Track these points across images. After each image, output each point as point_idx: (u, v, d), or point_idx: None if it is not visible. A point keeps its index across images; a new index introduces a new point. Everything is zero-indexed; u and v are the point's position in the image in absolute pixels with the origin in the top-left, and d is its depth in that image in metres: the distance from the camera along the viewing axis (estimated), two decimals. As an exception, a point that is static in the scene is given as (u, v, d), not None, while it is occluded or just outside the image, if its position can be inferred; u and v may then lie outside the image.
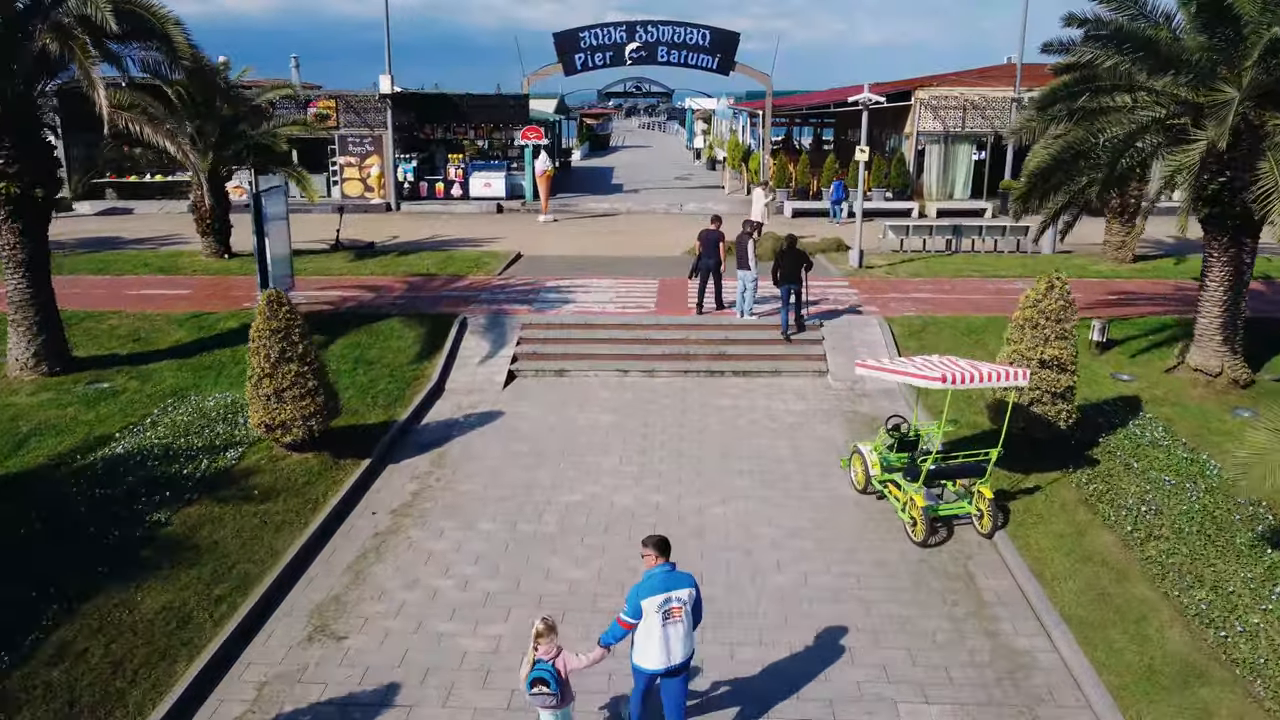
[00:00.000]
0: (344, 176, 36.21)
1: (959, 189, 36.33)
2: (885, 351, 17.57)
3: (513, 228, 31.56)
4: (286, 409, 12.70)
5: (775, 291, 18.11)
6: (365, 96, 35.43)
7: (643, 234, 30.21)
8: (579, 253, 26.56)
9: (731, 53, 35.44)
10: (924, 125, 35.53)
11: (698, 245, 19.57)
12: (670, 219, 33.82)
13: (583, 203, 36.62)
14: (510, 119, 35.86)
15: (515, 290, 21.26)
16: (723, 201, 37.11)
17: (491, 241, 28.35)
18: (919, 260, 25.00)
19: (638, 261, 25.07)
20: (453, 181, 36.14)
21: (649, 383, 17.04)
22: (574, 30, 35.17)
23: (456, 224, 32.30)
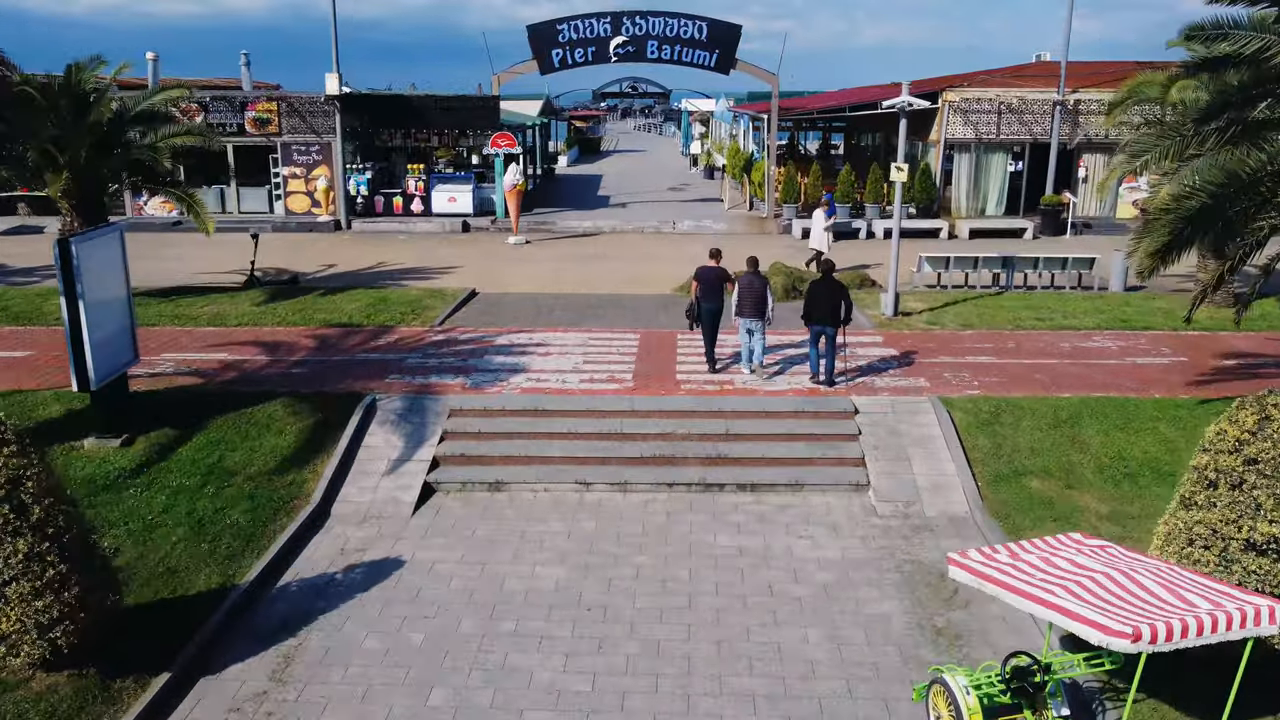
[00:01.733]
0: (288, 190, 31.17)
1: (992, 204, 31.30)
2: (948, 456, 12.53)
3: (476, 252, 26.52)
4: (10, 614, 7.69)
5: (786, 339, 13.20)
6: (310, 98, 30.37)
7: (627, 261, 25.16)
8: (548, 288, 21.52)
9: (732, 48, 30.38)
10: (953, 131, 30.51)
11: (695, 286, 15.08)
12: (661, 241, 28.76)
13: (563, 219, 31.58)
14: (479, 123, 30.82)
15: (453, 351, 16.22)
16: (722, 219, 32.05)
17: (445, 273, 23.30)
18: (964, 302, 19.93)
19: (617, 302, 20.05)
20: (413, 196, 31.07)
21: (619, 503, 12.01)
22: (550, 22, 30.12)
23: (411, 248, 27.25)
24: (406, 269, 23.88)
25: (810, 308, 14.26)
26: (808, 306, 14.31)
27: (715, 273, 14.96)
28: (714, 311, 14.96)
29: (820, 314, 14.12)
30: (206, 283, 21.69)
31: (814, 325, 14.28)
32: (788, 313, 16.81)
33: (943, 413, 13.41)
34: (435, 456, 12.58)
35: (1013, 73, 33.91)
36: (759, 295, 14.44)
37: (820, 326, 14.21)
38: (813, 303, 14.22)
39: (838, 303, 13.96)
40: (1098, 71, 32.29)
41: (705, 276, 14.92)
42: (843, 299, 14.00)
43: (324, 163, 30.76)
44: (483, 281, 22.17)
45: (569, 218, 31.78)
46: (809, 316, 14.31)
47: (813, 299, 14.24)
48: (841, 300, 13.97)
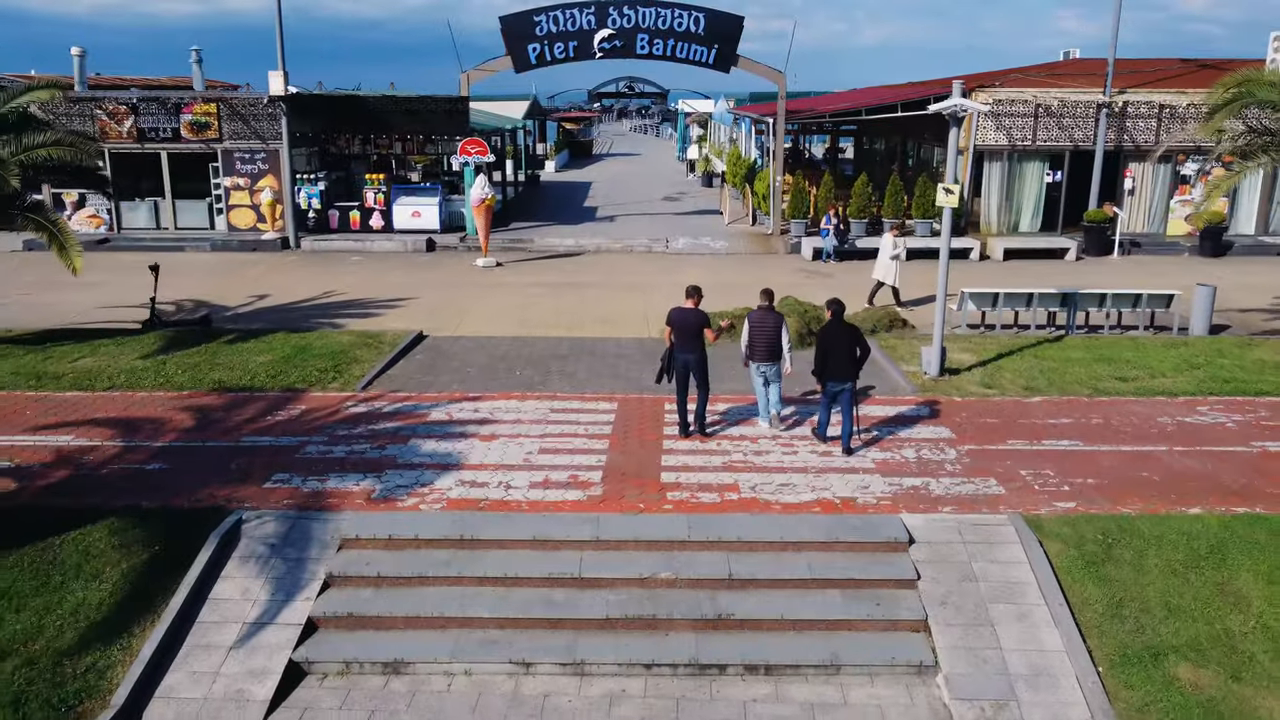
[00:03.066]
0: (230, 203, 27.20)
1: (1027, 219, 27.36)
2: (1048, 617, 8.58)
3: (437, 277, 22.57)
4: None
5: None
6: (253, 100, 26.40)
7: (611, 289, 21.21)
8: (511, 328, 17.59)
9: (733, 43, 26.42)
10: (983, 137, 26.56)
11: (668, 332, 12.19)
12: (652, 263, 24.80)
13: (542, 236, 27.63)
14: (445, 127, 26.86)
15: (369, 432, 12.26)
16: (721, 235, 28.08)
17: (394, 307, 19.37)
18: (1021, 352, 15.97)
19: (593, 350, 16.11)
20: (371, 210, 27.11)
21: (571, 699, 8.06)
22: (526, 13, 26.13)
23: (363, 273, 23.29)
24: (349, 302, 19.92)
25: (825, 360, 11.45)
26: (821, 359, 11.50)
27: (692, 317, 11.97)
28: (688, 364, 11.93)
29: (838, 368, 11.36)
30: (102, 322, 17.75)
31: (830, 383, 11.49)
32: (802, 364, 12.92)
33: (1031, 542, 9.45)
34: (311, 617, 8.64)
35: (1047, 70, 29.94)
36: (773, 335, 12.01)
37: (838, 384, 11.43)
38: (828, 354, 11.41)
39: (854, 351, 11.36)
40: (1137, 70, 28.35)
41: (680, 321, 11.94)
42: (858, 345, 11.39)
43: (271, 172, 26.80)
44: (435, 319, 18.24)
45: (549, 234, 27.81)
46: (824, 371, 11.51)
47: (827, 349, 11.43)
48: (857, 348, 11.39)
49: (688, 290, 12.09)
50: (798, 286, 21.58)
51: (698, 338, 11.81)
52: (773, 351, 11.96)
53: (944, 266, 14.36)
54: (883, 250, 19.34)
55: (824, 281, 22.25)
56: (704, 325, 11.85)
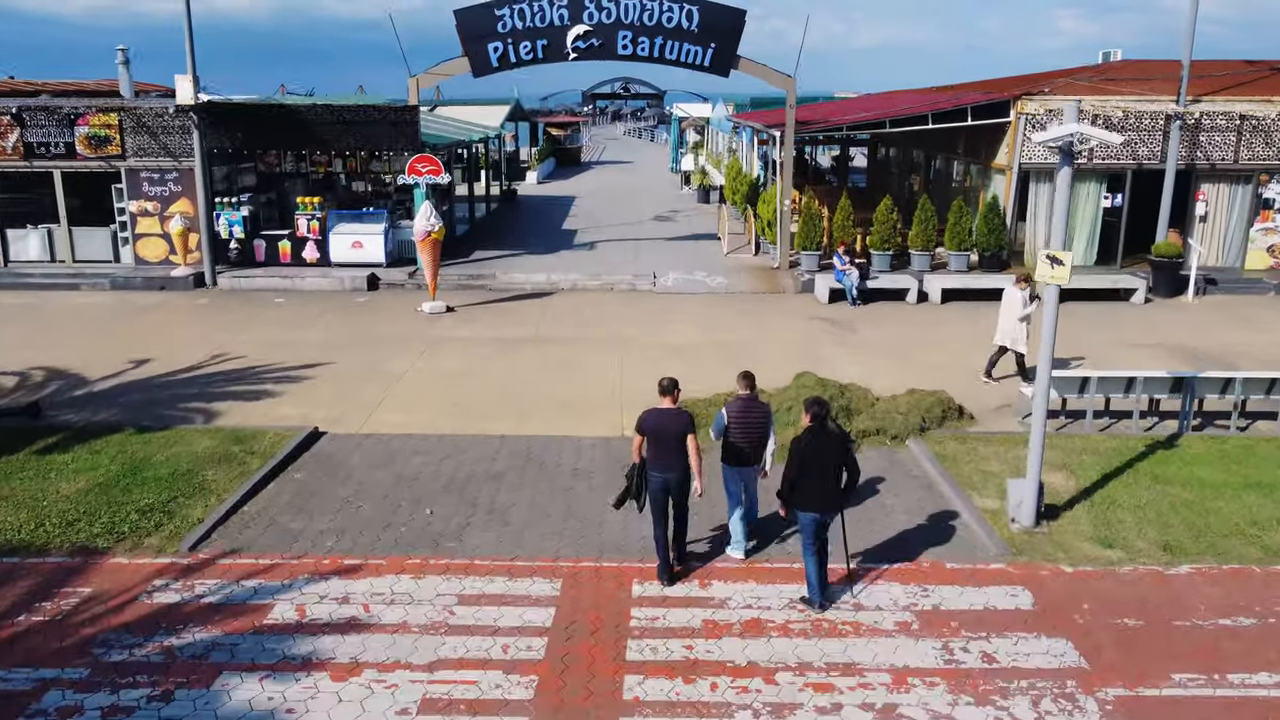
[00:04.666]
0: (137, 231, 22.63)
1: (1080, 250, 22.77)
2: None
3: (368, 330, 18.02)
4: None
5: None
6: (159, 109, 21.82)
7: (580, 351, 16.67)
8: (440, 419, 13.04)
9: (733, 42, 21.86)
10: (1030, 153, 22.01)
11: (638, 442, 8.87)
12: (634, 307, 20.22)
13: (508, 269, 23.09)
14: (392, 142, 22.27)
15: (161, 657, 7.70)
16: (719, 269, 23.52)
17: (297, 380, 14.84)
18: (1133, 470, 11.41)
19: (540, 459, 11.56)
20: (305, 239, 22.54)
21: None
22: (486, 6, 21.56)
23: (280, 323, 18.74)
24: (245, 371, 15.37)
25: (800, 482, 8.31)
26: (793, 480, 8.34)
27: (671, 423, 8.71)
28: (667, 485, 8.72)
29: (819, 495, 8.27)
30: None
31: (806, 513, 8.33)
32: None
33: None
34: None
35: (1098, 74, 25.36)
36: (758, 432, 9.20)
37: (815, 516, 8.29)
38: (804, 474, 8.27)
39: (840, 471, 8.35)
40: (1205, 74, 23.77)
41: (656, 428, 8.72)
42: (846, 462, 8.38)
43: (185, 195, 22.24)
44: (346, 399, 13.72)
45: (517, 266, 23.24)
46: (794, 497, 8.38)
47: (803, 467, 8.27)
48: (843, 465, 8.37)
49: (663, 385, 8.90)
50: (814, 343, 17.04)
51: (679, 451, 8.60)
52: (758, 449, 9.14)
53: (1046, 367, 9.77)
54: (1007, 307, 14.65)
55: (845, 337, 17.70)
56: (687, 433, 8.58)
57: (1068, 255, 8.95)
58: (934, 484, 10.86)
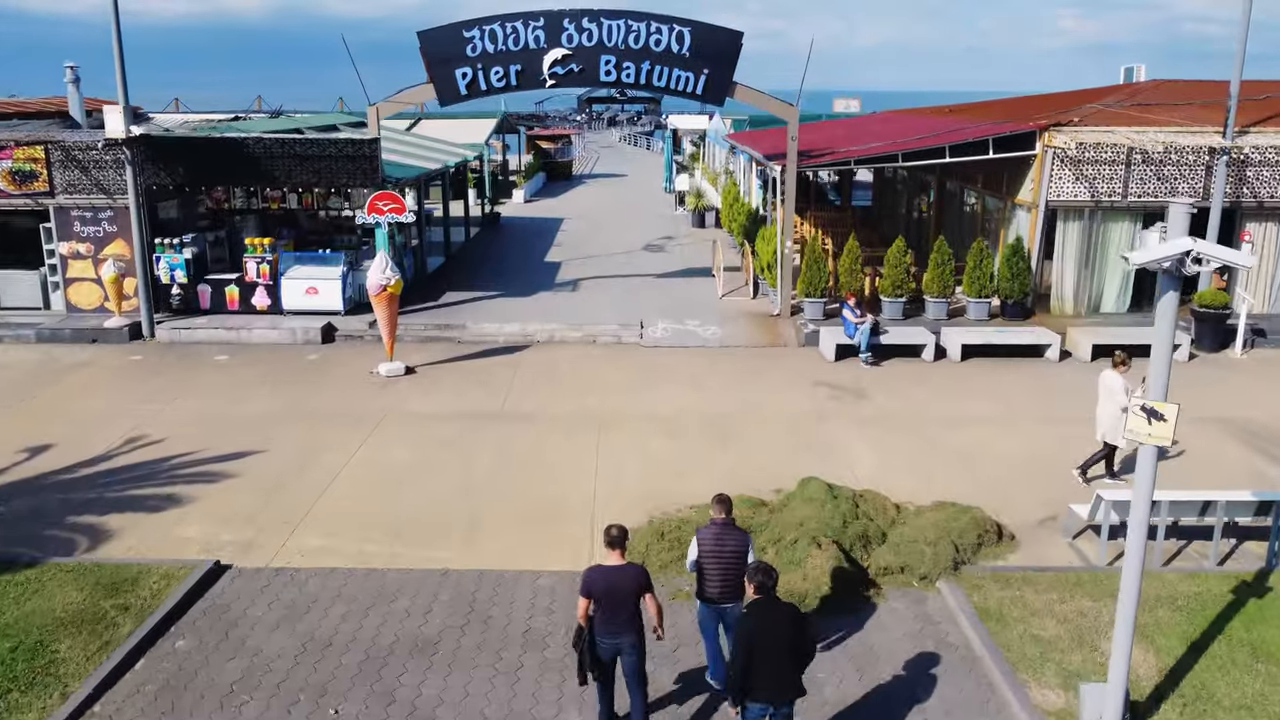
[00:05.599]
0: (69, 276, 20.34)
1: (1112, 296, 20.53)
2: None
3: (312, 401, 15.74)
4: None
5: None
6: (88, 143, 19.52)
7: (552, 433, 14.37)
8: (373, 540, 10.79)
9: (729, 67, 19.55)
10: (1059, 189, 19.73)
11: (584, 605, 7.36)
12: (619, 367, 17.92)
13: (480, 317, 20.81)
14: (350, 177, 19.95)
15: None
16: (714, 315, 21.23)
17: (215, 479, 12.57)
18: (1226, 639, 9.14)
19: (488, 619, 9.30)
20: (254, 285, 20.25)
21: None
22: (454, 28, 19.27)
23: (216, 389, 16.46)
24: (157, 465, 13.10)
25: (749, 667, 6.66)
26: (743, 665, 6.67)
27: (622, 581, 7.27)
28: (617, 652, 7.35)
29: (766, 679, 6.68)
30: None
31: (752, 704, 6.75)
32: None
33: None
34: None
35: (1128, 96, 23.07)
36: (734, 562, 7.72)
37: (765, 708, 6.76)
38: (753, 656, 6.65)
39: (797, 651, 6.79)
40: (1256, 95, 21.44)
41: (606, 590, 7.24)
42: (805, 649, 6.85)
43: (120, 236, 19.95)
44: (267, 511, 11.47)
45: (491, 312, 20.94)
46: (748, 685, 6.71)
47: (751, 649, 6.66)
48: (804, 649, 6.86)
49: (610, 536, 7.36)
50: (820, 418, 14.76)
51: (634, 614, 7.27)
52: (736, 585, 7.72)
53: (1139, 538, 7.47)
54: (1105, 395, 12.29)
55: (856, 409, 15.42)
56: (644, 592, 7.29)
57: (1172, 409, 6.64)
58: (977, 661, 8.58)
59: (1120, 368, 12.22)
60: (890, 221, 29.80)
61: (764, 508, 11.30)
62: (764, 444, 13.88)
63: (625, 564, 7.30)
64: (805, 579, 9.61)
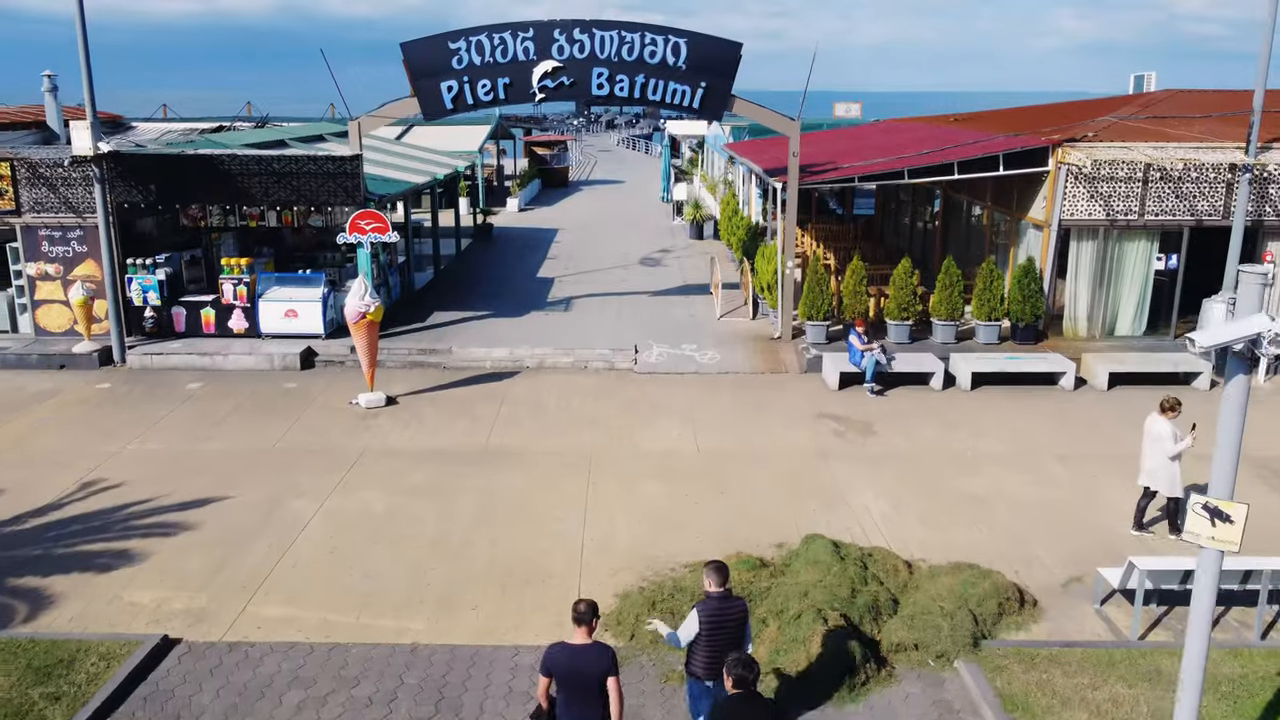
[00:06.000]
0: (37, 298, 19.43)
1: (1128, 318, 19.63)
2: None
3: (285, 438, 14.81)
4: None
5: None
6: (54, 160, 18.59)
7: (537, 476, 13.45)
8: (337, 607, 9.88)
9: (726, 79, 18.62)
10: (1073, 207, 18.82)
11: (544, 685, 6.72)
12: (610, 397, 16.99)
13: (468, 340, 19.91)
14: (330, 195, 19.02)
15: None
16: (710, 338, 20.32)
17: (172, 531, 11.66)
18: None
19: (459, 707, 8.37)
20: (231, 307, 19.33)
21: None
22: (439, 39, 18.34)
23: (186, 422, 15.53)
24: (112, 515, 12.17)
25: None
26: None
27: (587, 661, 6.64)
28: None
29: None
30: None
31: None
32: None
33: None
34: None
35: (1142, 107, 22.17)
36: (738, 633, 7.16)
37: None
38: None
39: None
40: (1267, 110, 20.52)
41: (568, 671, 6.63)
42: None
43: (91, 256, 19.03)
44: (225, 571, 10.56)
45: (479, 335, 20.02)
46: None
47: None
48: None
49: (578, 613, 6.77)
50: (824, 459, 13.84)
51: (598, 698, 6.63)
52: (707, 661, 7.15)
53: (1197, 658, 6.52)
54: (1152, 441, 11.37)
55: (862, 447, 14.49)
56: (609, 675, 6.62)
57: (1240, 510, 5.71)
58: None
59: (1169, 413, 11.30)
60: (894, 232, 28.87)
61: (765, 570, 10.38)
62: (764, 488, 12.97)
63: (591, 643, 6.68)
64: (810, 658, 8.70)
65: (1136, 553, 11.17)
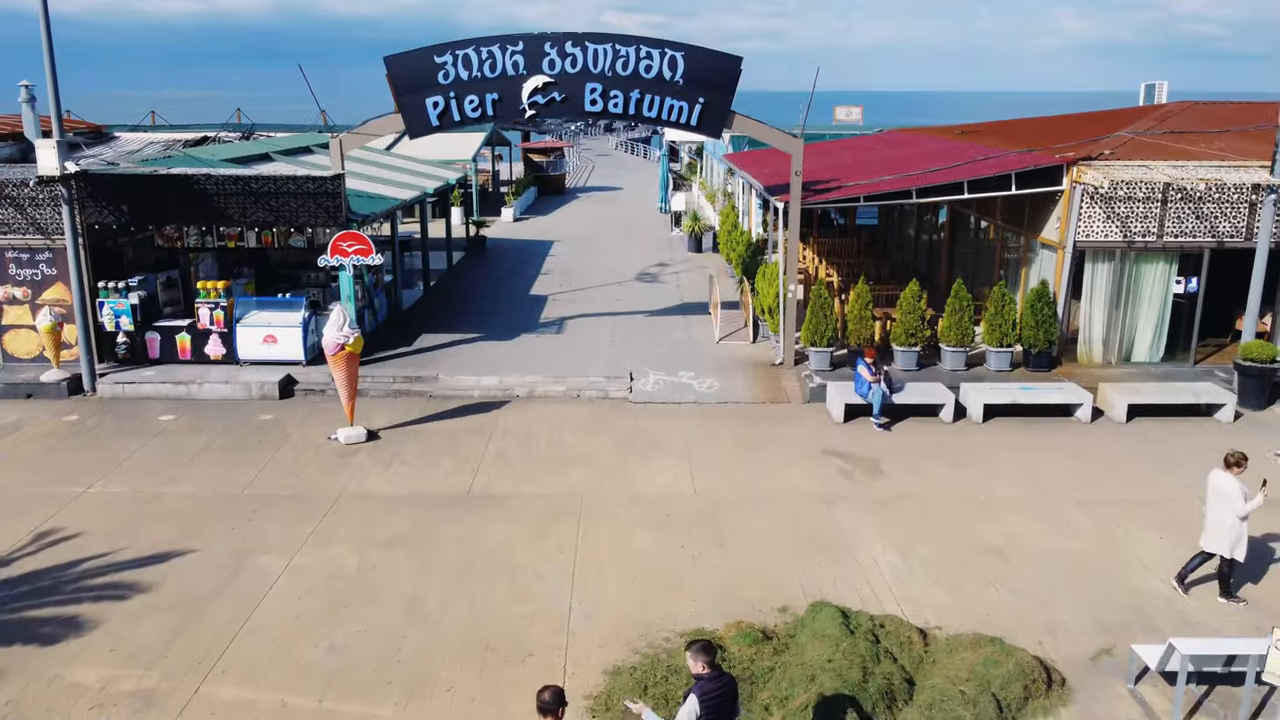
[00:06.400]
0: (6, 323, 18.55)
1: (1145, 344, 18.75)
2: None
3: (256, 483, 13.91)
4: None
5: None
6: (18, 180, 17.69)
7: (520, 535, 12.56)
8: (300, 694, 8.98)
9: (726, 94, 17.72)
10: (1088, 229, 17.94)
11: None
12: (603, 431, 16.10)
13: (456, 366, 19.04)
14: (310, 216, 18.12)
15: None
16: (708, 365, 19.45)
17: (126, 600, 10.79)
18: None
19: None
20: (208, 332, 18.45)
21: None
22: (424, 52, 17.44)
23: (154, 460, 14.64)
24: (63, 572, 11.29)
25: None
26: None
27: None
28: None
29: None
30: None
31: None
32: None
33: None
34: None
35: (1157, 120, 21.27)
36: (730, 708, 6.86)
37: None
38: None
39: None
40: None
41: None
42: None
43: (60, 279, 18.16)
44: (177, 644, 9.68)
45: (468, 360, 19.14)
46: None
47: None
48: None
49: (542, 703, 6.23)
50: (829, 504, 12.91)
51: None
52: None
53: None
54: (1217, 500, 10.40)
55: (870, 489, 13.60)
56: None
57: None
58: None
59: (1235, 469, 10.38)
60: (899, 245, 28.00)
61: (767, 645, 9.49)
62: (766, 540, 12.09)
63: None
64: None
65: (1169, 617, 10.32)
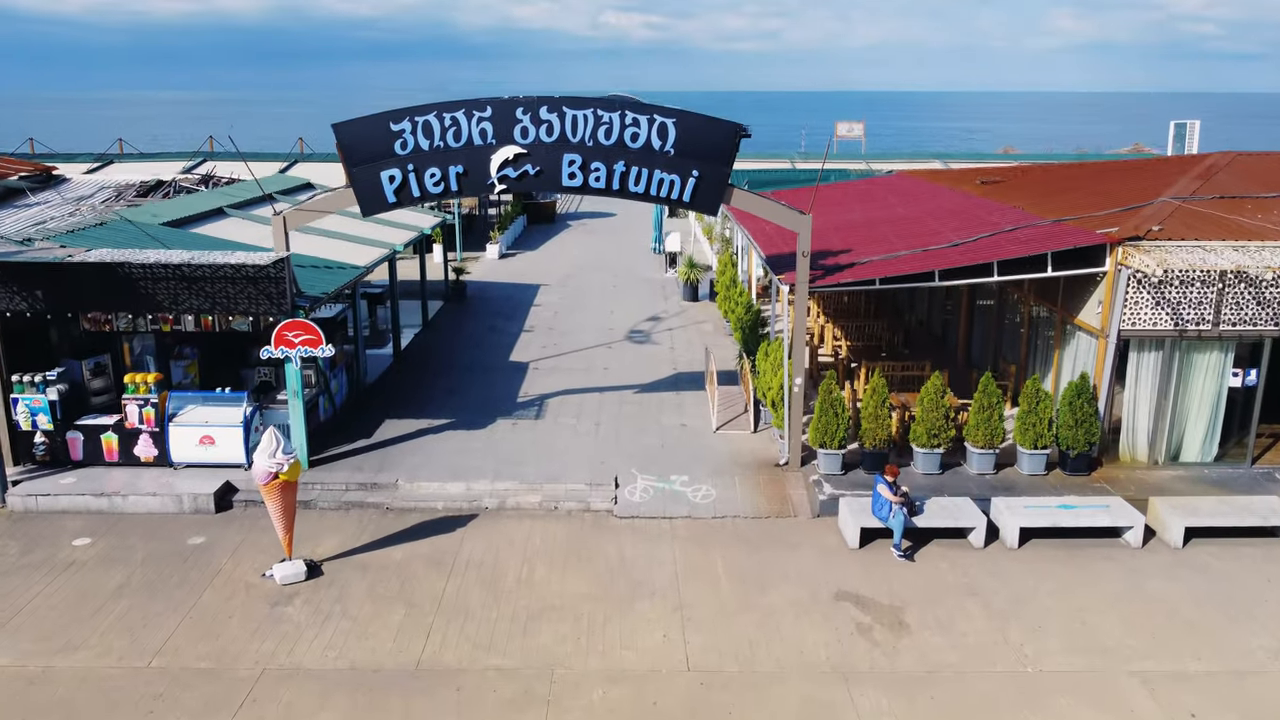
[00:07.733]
0: (-93, 422, 16.28)
1: (1197, 441, 16.54)
2: None
3: (166, 651, 11.64)
4: None
5: None
6: (-84, 265, 15.40)
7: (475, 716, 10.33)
8: None
9: (723, 165, 15.43)
10: (1135, 315, 15.69)
11: None
12: (581, 569, 13.83)
13: (416, 474, 16.80)
14: (250, 304, 15.83)
15: None
16: (704, 468, 17.22)
17: None
18: None
19: None
20: (136, 432, 16.19)
21: None
22: (379, 119, 15.15)
23: (51, 611, 12.38)
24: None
25: None
26: None
27: None
28: None
29: None
30: None
31: None
32: None
33: None
34: None
35: (1200, 176, 19.04)
36: None
37: None
38: None
39: None
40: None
41: None
42: None
43: (-32, 373, 15.87)
44: None
45: (433, 457, 16.87)
46: None
47: None
48: None
49: None
50: (846, 684, 10.57)
51: None
52: None
53: None
54: None
55: (892, 656, 11.33)
56: None
57: None
58: None
59: None
60: (913, 303, 25.73)
61: None
62: None
63: None
64: None
65: None
